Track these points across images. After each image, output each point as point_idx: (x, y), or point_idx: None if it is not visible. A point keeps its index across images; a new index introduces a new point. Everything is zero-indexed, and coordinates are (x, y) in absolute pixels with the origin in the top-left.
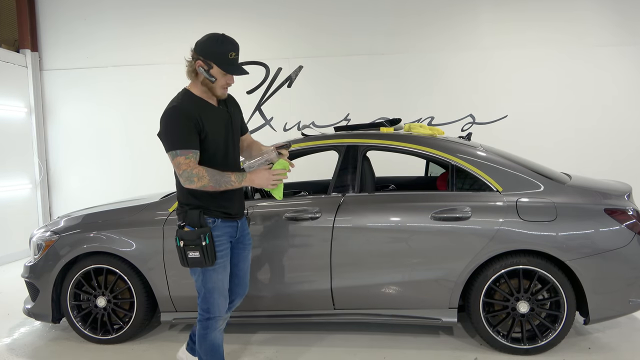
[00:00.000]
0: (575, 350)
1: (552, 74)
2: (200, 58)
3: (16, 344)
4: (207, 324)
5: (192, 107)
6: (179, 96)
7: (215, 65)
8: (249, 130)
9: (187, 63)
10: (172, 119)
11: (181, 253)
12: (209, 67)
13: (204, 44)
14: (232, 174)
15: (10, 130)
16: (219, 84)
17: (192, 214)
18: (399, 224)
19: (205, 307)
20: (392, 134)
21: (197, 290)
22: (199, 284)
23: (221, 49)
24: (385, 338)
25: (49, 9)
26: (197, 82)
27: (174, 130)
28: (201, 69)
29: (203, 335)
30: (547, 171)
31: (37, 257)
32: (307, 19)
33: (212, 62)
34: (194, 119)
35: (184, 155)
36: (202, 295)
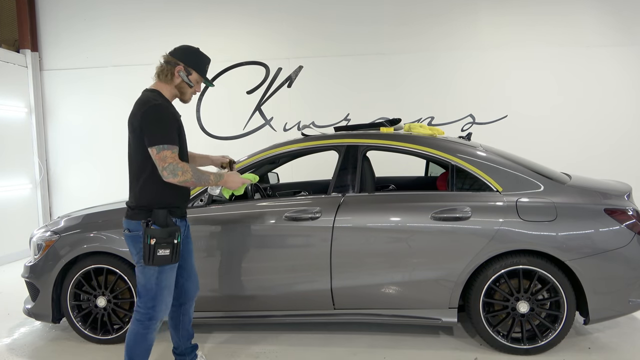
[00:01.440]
0: (575, 350)
1: (551, 74)
2: (181, 64)
3: (16, 344)
4: (149, 324)
5: (174, 109)
6: (156, 97)
7: (195, 72)
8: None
9: (162, 66)
10: (162, 115)
11: (150, 251)
12: (189, 73)
13: (186, 52)
14: (210, 174)
15: (10, 130)
16: (191, 90)
17: (160, 214)
18: (399, 224)
19: (152, 305)
20: (392, 134)
21: (145, 289)
22: (150, 283)
23: (201, 59)
24: (385, 338)
25: (49, 9)
26: (169, 85)
27: (162, 126)
28: (182, 74)
29: (143, 335)
30: (547, 171)
31: (37, 257)
32: (307, 20)
33: (193, 69)
34: (177, 121)
35: (171, 150)
36: (152, 293)
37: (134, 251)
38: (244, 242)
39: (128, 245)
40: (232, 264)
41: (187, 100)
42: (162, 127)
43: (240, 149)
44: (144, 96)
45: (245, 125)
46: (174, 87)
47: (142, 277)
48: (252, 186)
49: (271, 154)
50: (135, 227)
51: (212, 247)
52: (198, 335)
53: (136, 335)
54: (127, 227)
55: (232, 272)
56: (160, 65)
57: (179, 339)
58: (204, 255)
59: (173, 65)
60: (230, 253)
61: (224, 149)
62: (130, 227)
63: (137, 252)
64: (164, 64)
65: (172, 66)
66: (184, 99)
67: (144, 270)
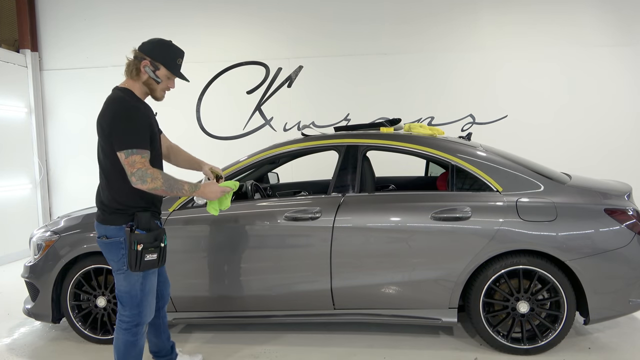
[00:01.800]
0: (575, 350)
1: (551, 74)
2: (148, 58)
3: (16, 344)
4: (137, 331)
5: (145, 109)
6: (126, 96)
7: (163, 67)
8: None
9: (129, 61)
10: (132, 117)
11: (137, 257)
12: (156, 68)
13: (154, 45)
14: (185, 183)
15: (10, 130)
16: (161, 87)
17: (143, 217)
18: (399, 224)
19: (137, 312)
20: (392, 134)
21: (129, 296)
22: (135, 289)
23: (171, 52)
24: (385, 338)
25: (49, 9)
26: (137, 82)
27: (132, 129)
28: (148, 69)
29: (133, 343)
30: (547, 171)
31: (37, 257)
32: (307, 20)
33: (161, 64)
34: (149, 121)
35: (140, 154)
36: (137, 300)
37: (114, 258)
38: (244, 242)
39: (105, 252)
40: (232, 264)
41: (159, 98)
42: (131, 130)
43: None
44: (113, 95)
45: (245, 125)
46: (141, 83)
47: (125, 284)
48: (252, 186)
49: (271, 154)
50: (115, 233)
51: (212, 247)
52: (198, 335)
53: (126, 344)
54: (104, 233)
55: (232, 272)
56: (128, 61)
57: (161, 342)
58: (204, 255)
59: (140, 60)
60: (230, 253)
61: (224, 149)
62: (107, 234)
63: (117, 259)
64: (132, 59)
65: (139, 61)
66: (155, 97)
67: (127, 277)
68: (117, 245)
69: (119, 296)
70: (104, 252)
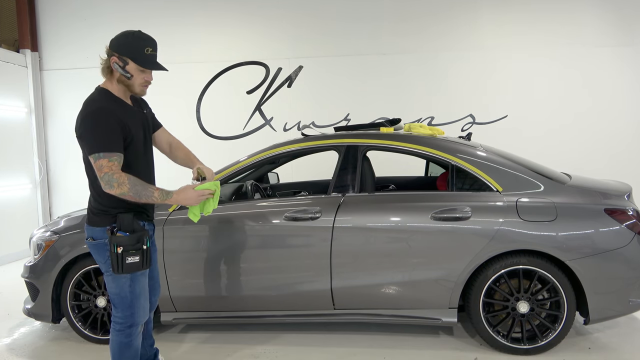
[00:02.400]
0: (575, 350)
1: (551, 74)
2: (115, 54)
3: (16, 344)
4: (130, 332)
5: (117, 109)
6: (98, 96)
7: (130, 61)
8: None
9: (102, 61)
10: (99, 120)
11: (117, 260)
12: (125, 63)
13: (119, 39)
14: (155, 190)
15: (10, 130)
16: (136, 82)
17: (125, 218)
18: (399, 224)
19: (129, 314)
20: (392, 134)
21: (120, 297)
22: (124, 292)
23: (137, 44)
24: (385, 338)
25: (49, 9)
26: (112, 80)
27: (99, 132)
28: (116, 65)
29: (127, 344)
30: (547, 171)
31: (37, 257)
32: (307, 19)
33: (128, 57)
34: (121, 122)
35: (107, 158)
36: (127, 302)
37: (101, 260)
38: (243, 242)
39: (93, 254)
40: (232, 264)
41: (139, 93)
42: (99, 134)
43: (240, 149)
44: (87, 98)
45: (245, 125)
46: (115, 81)
47: (114, 286)
48: (252, 186)
49: (271, 154)
50: (100, 235)
51: (211, 247)
52: (198, 335)
53: (120, 345)
54: (91, 235)
55: (232, 272)
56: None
57: (143, 349)
58: (204, 255)
59: (109, 57)
60: (230, 253)
61: (224, 149)
62: (94, 235)
63: (104, 261)
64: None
65: (109, 58)
66: (134, 92)
67: (115, 280)
68: (103, 247)
69: (111, 298)
70: (92, 254)
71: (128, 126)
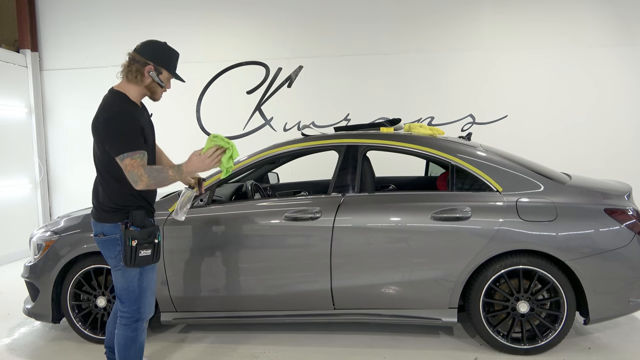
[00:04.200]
0: (575, 350)
1: (551, 74)
2: (151, 63)
3: (16, 344)
4: (137, 326)
5: (136, 113)
6: (117, 100)
7: (165, 71)
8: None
9: (130, 66)
10: (122, 122)
11: (131, 253)
12: (159, 72)
13: (156, 50)
14: (169, 169)
15: (10, 130)
16: (162, 90)
17: (138, 215)
18: (399, 224)
19: (136, 308)
20: (392, 134)
21: (127, 292)
22: (133, 285)
23: (172, 56)
24: (385, 338)
25: (49, 9)
26: (138, 86)
27: (122, 134)
28: (152, 74)
29: (133, 338)
30: (547, 171)
31: (37, 257)
32: (307, 19)
33: (164, 68)
34: (140, 125)
35: (130, 157)
36: (134, 295)
37: (111, 255)
38: (244, 242)
39: (102, 249)
40: (232, 264)
41: (158, 99)
42: (122, 137)
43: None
44: (106, 100)
45: (245, 125)
46: (143, 87)
47: (122, 280)
48: (252, 186)
49: (271, 154)
50: (111, 230)
51: (212, 247)
52: (198, 335)
53: (126, 339)
54: (101, 231)
55: (232, 272)
56: (127, 64)
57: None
58: (204, 255)
59: (142, 64)
60: (230, 253)
61: None
62: (104, 231)
63: (114, 256)
64: (132, 63)
65: (142, 66)
66: (155, 98)
67: (124, 274)
68: (114, 242)
69: (117, 293)
70: (101, 250)
71: (144, 129)
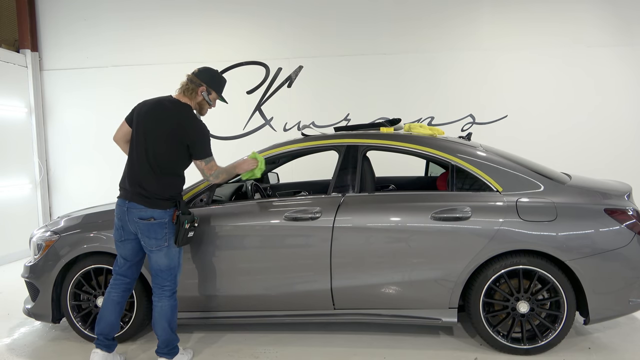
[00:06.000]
0: (575, 350)
1: (551, 74)
2: (204, 85)
3: (16, 344)
4: (176, 295)
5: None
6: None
7: (215, 93)
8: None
9: (187, 84)
10: (206, 130)
11: (184, 234)
12: (209, 93)
13: (210, 76)
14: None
15: (10, 130)
16: (208, 107)
17: (183, 204)
18: (399, 224)
19: (175, 281)
20: (392, 134)
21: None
22: (174, 262)
23: (222, 82)
24: (385, 338)
25: (49, 9)
26: (192, 101)
27: (209, 140)
28: (204, 94)
29: (174, 307)
30: (547, 171)
31: (37, 257)
32: (307, 19)
33: (214, 90)
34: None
35: (214, 160)
36: (175, 271)
37: (157, 236)
38: (244, 242)
39: (148, 232)
40: (232, 264)
41: (204, 114)
42: (209, 142)
43: (240, 149)
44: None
45: (245, 125)
46: (196, 102)
47: (165, 259)
48: (252, 186)
49: (271, 154)
50: (161, 215)
51: (212, 247)
52: (198, 335)
53: (172, 308)
54: (152, 215)
55: (232, 272)
56: (185, 83)
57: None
58: (204, 255)
59: (197, 85)
60: (231, 253)
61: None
62: (155, 216)
63: (161, 237)
64: (189, 82)
65: (197, 86)
66: (202, 114)
67: (168, 253)
68: (162, 225)
69: (157, 271)
70: (146, 232)
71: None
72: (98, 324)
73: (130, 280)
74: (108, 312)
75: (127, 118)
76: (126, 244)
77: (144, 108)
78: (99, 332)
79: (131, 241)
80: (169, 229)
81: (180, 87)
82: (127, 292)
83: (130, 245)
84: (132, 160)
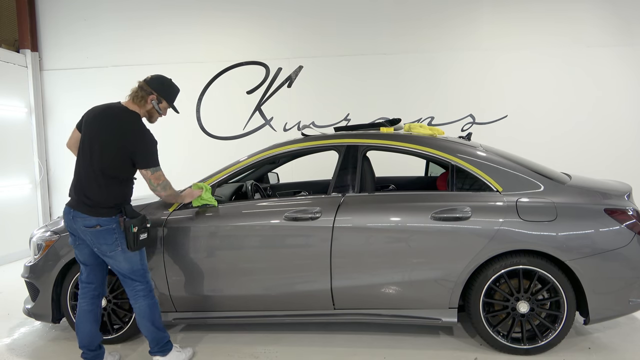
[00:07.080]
0: (575, 350)
1: (551, 74)
2: (155, 93)
3: (16, 344)
4: (153, 293)
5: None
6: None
7: (165, 102)
8: None
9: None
10: (152, 139)
11: (134, 238)
12: (159, 102)
13: (162, 84)
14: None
15: (10, 130)
16: (158, 115)
17: (129, 208)
18: (399, 224)
19: (146, 281)
20: (392, 134)
21: (133, 271)
22: (137, 265)
23: (173, 90)
24: (385, 338)
25: (49, 9)
26: (142, 108)
27: (155, 150)
28: (154, 102)
29: (155, 304)
30: (547, 171)
31: (37, 257)
32: (307, 19)
33: (164, 99)
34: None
35: (161, 170)
36: (141, 271)
37: (107, 242)
38: (243, 242)
39: (97, 239)
40: (232, 264)
41: (154, 122)
42: (155, 151)
43: (240, 149)
44: (131, 115)
45: (245, 126)
46: (145, 110)
47: (125, 264)
48: (252, 186)
49: (271, 154)
50: (107, 222)
51: (212, 247)
52: (198, 335)
53: (151, 307)
54: (97, 223)
55: (232, 272)
56: (135, 90)
57: (95, 333)
58: (204, 255)
59: (147, 92)
60: (230, 253)
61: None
62: (100, 223)
63: (111, 243)
64: (140, 89)
65: (147, 93)
66: (151, 121)
67: (126, 258)
68: (110, 231)
69: (123, 276)
70: (95, 239)
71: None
72: (77, 336)
73: (96, 286)
74: (82, 322)
75: (78, 124)
76: (82, 248)
77: (91, 114)
78: (80, 346)
79: (86, 246)
80: (119, 234)
81: (130, 94)
82: (96, 298)
83: (87, 250)
84: (78, 167)
